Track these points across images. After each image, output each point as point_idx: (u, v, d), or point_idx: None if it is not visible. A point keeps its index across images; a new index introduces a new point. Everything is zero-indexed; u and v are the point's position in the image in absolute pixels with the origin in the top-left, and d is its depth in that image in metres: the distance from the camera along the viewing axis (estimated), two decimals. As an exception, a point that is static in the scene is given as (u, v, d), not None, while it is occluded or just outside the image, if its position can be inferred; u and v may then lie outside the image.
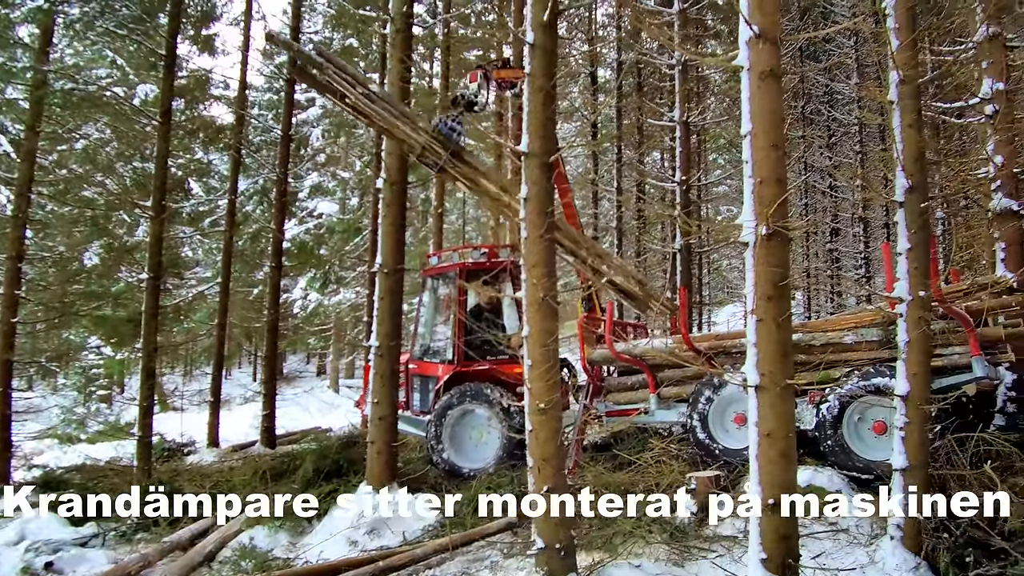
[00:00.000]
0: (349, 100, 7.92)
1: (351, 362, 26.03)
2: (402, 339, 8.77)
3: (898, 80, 5.40)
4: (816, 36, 10.46)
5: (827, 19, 20.22)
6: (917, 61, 5.80)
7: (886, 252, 6.34)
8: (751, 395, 4.05)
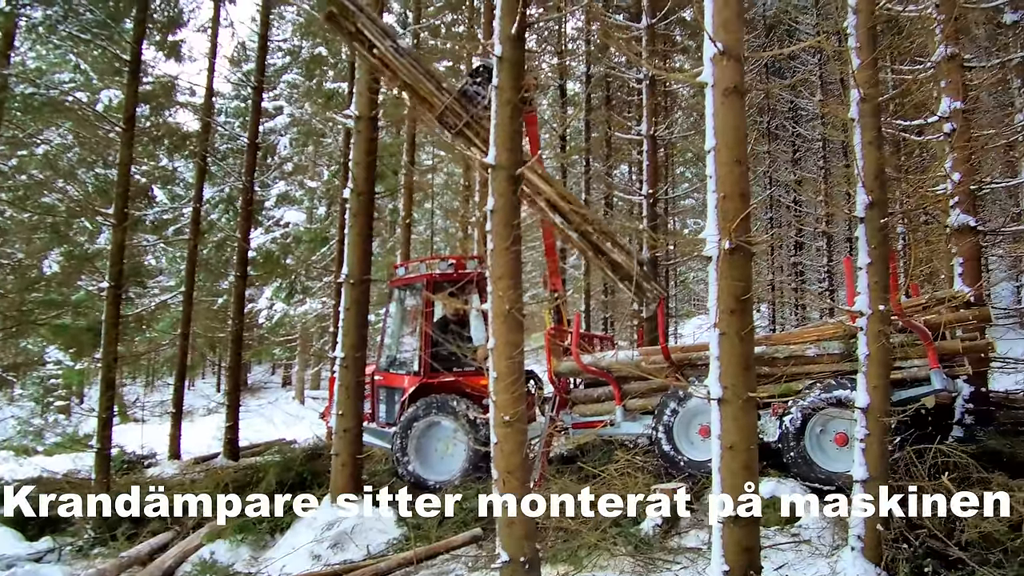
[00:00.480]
0: (377, 51, 7.92)
1: (317, 373, 25.78)
2: (368, 350, 8.71)
3: (859, 98, 5.51)
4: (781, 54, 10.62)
5: (792, 36, 20.59)
6: (877, 80, 5.93)
7: (847, 266, 6.45)
8: (714, 408, 4.09)
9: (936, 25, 9.80)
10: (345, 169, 12.97)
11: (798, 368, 7.38)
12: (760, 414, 7.33)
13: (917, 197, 11.09)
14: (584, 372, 8.48)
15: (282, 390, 29.13)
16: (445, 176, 22.91)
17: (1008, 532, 5.61)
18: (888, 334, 5.50)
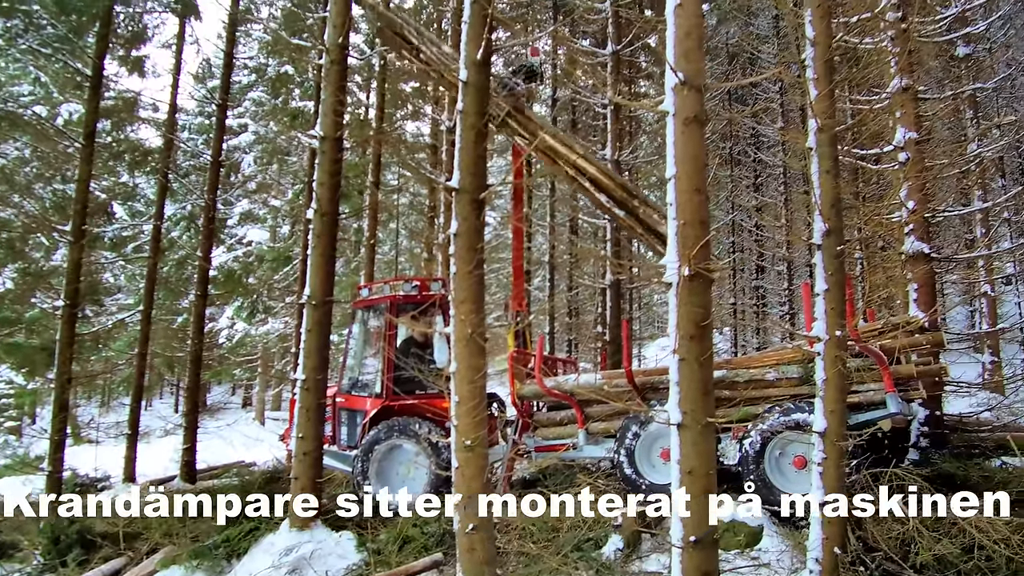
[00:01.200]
0: (424, 55, 8.46)
1: (278, 394, 25.43)
2: (330, 372, 8.62)
3: (816, 128, 5.63)
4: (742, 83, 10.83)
5: (754, 65, 21.03)
6: (834, 111, 6.06)
7: (805, 292, 6.57)
8: (673, 433, 4.11)
9: (891, 57, 10.09)
10: (309, 188, 12.92)
11: (758, 392, 7.47)
12: (720, 437, 7.40)
13: (873, 224, 11.34)
14: (547, 395, 8.49)
15: (242, 411, 28.65)
16: (411, 196, 22.89)
17: (961, 555, 5.73)
18: (844, 359, 5.58)
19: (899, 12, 9.87)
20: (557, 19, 18.67)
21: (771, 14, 20.71)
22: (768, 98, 21.10)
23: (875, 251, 14.82)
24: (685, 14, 4.51)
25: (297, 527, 7.73)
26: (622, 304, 15.38)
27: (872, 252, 15.04)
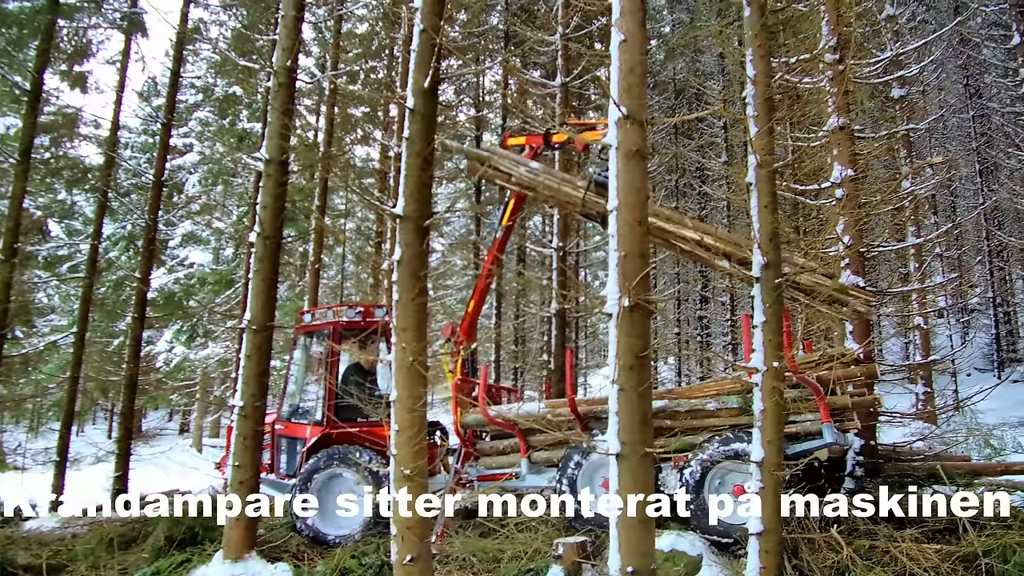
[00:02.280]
0: (514, 178, 8.58)
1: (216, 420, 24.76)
2: (270, 399, 8.44)
3: (756, 164, 5.77)
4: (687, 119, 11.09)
5: (700, 100, 21.56)
6: (773, 147, 6.23)
7: (745, 324, 6.67)
8: (612, 463, 4.12)
9: (829, 97, 10.44)
10: (254, 211, 12.73)
11: (698, 422, 7.55)
12: (661, 467, 7.44)
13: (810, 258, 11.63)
14: (490, 424, 8.44)
15: (179, 438, 27.82)
16: (358, 221, 22.75)
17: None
18: (782, 390, 5.69)
19: (836, 54, 10.22)
20: (508, 49, 18.90)
21: (717, 51, 21.27)
22: (713, 133, 21.63)
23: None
24: (629, 50, 4.60)
25: (231, 559, 7.51)
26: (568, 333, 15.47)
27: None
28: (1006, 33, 20.57)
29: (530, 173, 8.57)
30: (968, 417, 14.35)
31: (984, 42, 22.35)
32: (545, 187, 8.54)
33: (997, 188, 21.91)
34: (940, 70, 22.25)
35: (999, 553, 5.83)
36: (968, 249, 25.56)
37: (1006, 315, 26.08)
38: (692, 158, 22.36)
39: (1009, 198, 20.68)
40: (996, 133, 23.38)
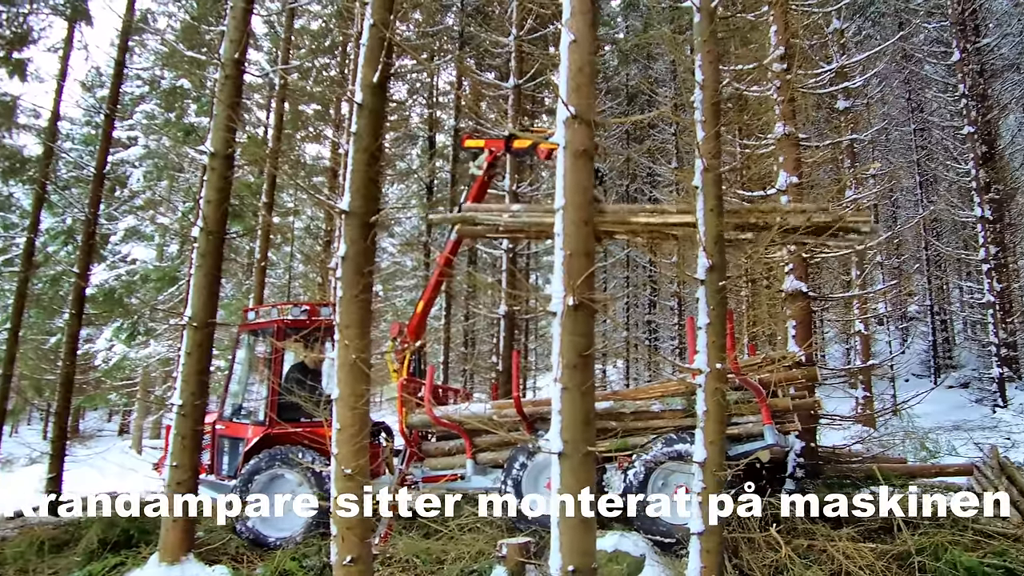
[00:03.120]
0: (502, 227, 8.43)
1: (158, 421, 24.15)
2: (212, 398, 8.25)
3: (702, 168, 5.83)
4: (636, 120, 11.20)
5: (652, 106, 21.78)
6: (719, 151, 6.31)
7: (690, 326, 6.74)
8: (554, 461, 4.11)
9: (776, 105, 10.65)
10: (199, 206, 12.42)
11: (643, 423, 7.60)
12: (606, 467, 7.48)
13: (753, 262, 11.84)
14: (436, 424, 8.38)
15: (118, 439, 27.05)
16: (307, 220, 22.45)
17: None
18: (724, 391, 5.75)
19: (784, 64, 10.43)
20: (462, 50, 18.86)
21: (669, 59, 21.55)
22: (664, 139, 21.88)
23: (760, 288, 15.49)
24: (579, 50, 4.61)
25: (167, 561, 7.31)
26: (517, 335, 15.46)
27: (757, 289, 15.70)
28: (946, 50, 21.28)
29: (514, 217, 8.61)
30: (905, 421, 14.78)
31: (926, 58, 23.05)
32: (531, 225, 8.51)
33: (936, 200, 22.62)
34: (884, 84, 22.89)
35: (931, 551, 5.99)
36: (908, 258, 26.33)
37: (943, 323, 26.92)
38: (643, 163, 22.61)
39: (947, 209, 21.35)
40: (936, 146, 24.14)
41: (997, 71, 23.63)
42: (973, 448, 12.17)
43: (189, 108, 20.83)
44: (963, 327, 27.61)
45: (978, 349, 23.28)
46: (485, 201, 10.27)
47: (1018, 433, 14.62)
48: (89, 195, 14.27)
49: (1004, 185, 21.89)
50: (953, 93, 20.89)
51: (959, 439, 13.48)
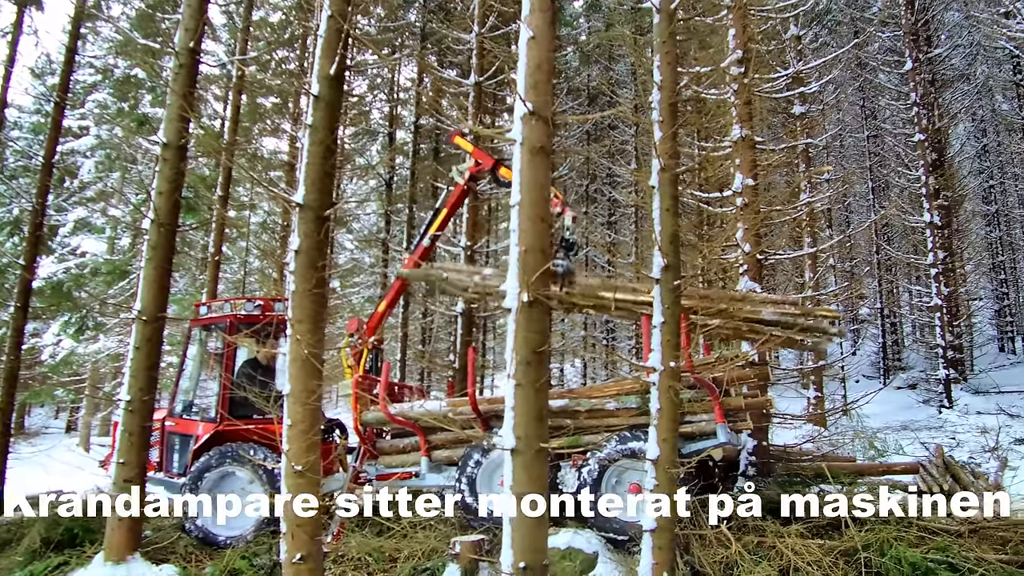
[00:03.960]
0: (471, 289, 8.60)
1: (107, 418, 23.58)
2: (162, 394, 8.07)
3: (659, 168, 5.88)
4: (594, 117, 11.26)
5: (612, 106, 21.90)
6: (676, 152, 6.36)
7: (645, 325, 6.79)
8: (507, 458, 4.10)
9: (733, 108, 10.78)
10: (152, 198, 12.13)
11: (598, 421, 7.62)
12: (560, 465, 7.50)
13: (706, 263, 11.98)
14: (391, 422, 8.31)
15: (65, 436, 26.35)
16: (264, 215, 22.12)
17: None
18: (678, 389, 5.81)
19: (742, 67, 10.56)
20: (424, 47, 18.76)
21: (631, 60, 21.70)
22: (624, 140, 22.03)
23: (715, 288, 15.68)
24: (537, 47, 4.60)
25: (113, 561, 7.16)
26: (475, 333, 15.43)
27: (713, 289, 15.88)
28: (900, 59, 21.77)
29: (484, 280, 8.68)
30: (855, 421, 15.08)
31: (880, 66, 23.58)
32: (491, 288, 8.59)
33: (887, 205, 23.14)
34: (839, 90, 23.35)
35: (877, 547, 6.11)
36: (859, 262, 26.91)
37: (892, 326, 27.58)
38: (603, 164, 22.74)
39: (898, 215, 21.86)
40: (888, 153, 24.71)
41: (948, 81, 24.29)
42: (919, 447, 12.48)
43: (143, 98, 20.39)
44: (912, 330, 28.34)
45: (925, 351, 23.91)
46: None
47: (963, 433, 15.03)
48: (37, 185, 13.85)
49: (952, 192, 22.50)
50: (905, 101, 21.40)
51: (906, 439, 13.80)
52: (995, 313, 29.04)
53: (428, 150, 19.67)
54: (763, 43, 14.04)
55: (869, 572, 5.93)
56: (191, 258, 19.98)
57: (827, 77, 16.66)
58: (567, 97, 21.57)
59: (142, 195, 19.52)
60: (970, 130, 28.93)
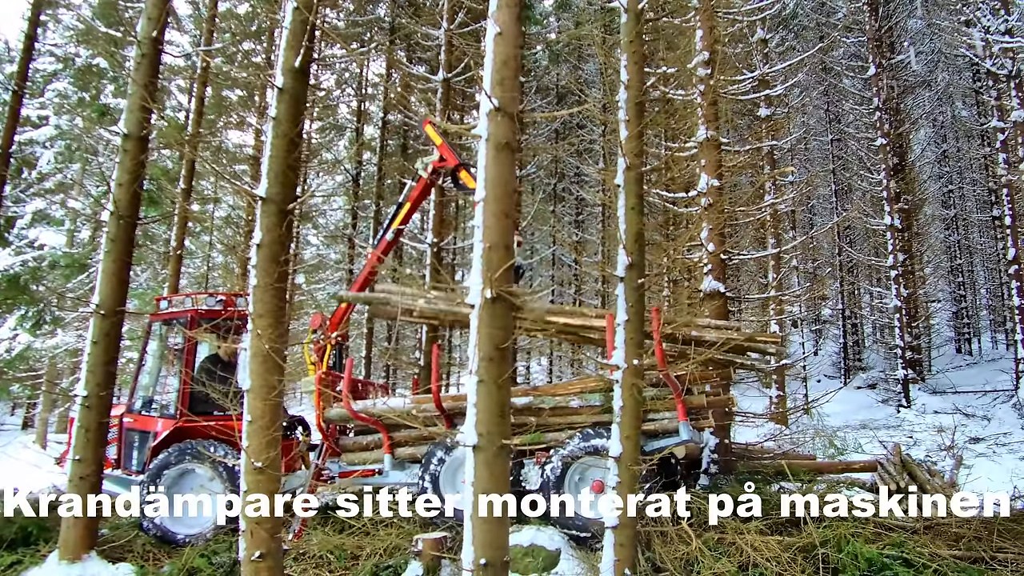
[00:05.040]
0: (416, 312, 8.58)
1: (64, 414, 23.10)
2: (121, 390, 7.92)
3: (625, 166, 5.90)
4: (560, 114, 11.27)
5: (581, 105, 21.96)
6: (642, 151, 6.40)
7: (609, 323, 6.81)
8: (469, 455, 4.09)
9: (700, 109, 10.88)
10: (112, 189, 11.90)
11: (562, 419, 7.64)
12: (523, 462, 7.51)
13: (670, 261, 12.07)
14: (354, 419, 8.25)
15: (22, 433, 25.79)
16: (228, 209, 21.82)
17: (738, 572, 6.11)
18: (641, 387, 5.84)
19: (708, 69, 10.66)
20: (393, 42, 18.64)
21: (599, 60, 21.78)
22: (592, 139, 22.11)
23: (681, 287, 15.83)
24: (504, 43, 4.58)
25: (68, 559, 7.02)
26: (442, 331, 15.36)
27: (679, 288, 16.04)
28: (863, 64, 22.13)
29: (429, 304, 8.68)
30: (815, 419, 15.33)
31: (844, 71, 23.94)
32: (446, 313, 8.62)
33: (849, 207, 23.52)
34: (804, 94, 23.68)
35: (834, 543, 6.21)
36: (822, 263, 27.31)
37: (853, 327, 28.05)
38: (571, 163, 22.80)
39: (860, 217, 22.22)
40: (851, 157, 25.12)
41: (910, 87, 24.76)
42: (878, 446, 12.70)
43: (105, 88, 19.94)
44: (872, 330, 28.85)
45: (885, 352, 24.35)
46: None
47: (920, 432, 15.32)
48: (-8, 175, 13.52)
49: (913, 196, 22.95)
50: (868, 106, 21.75)
51: (865, 437, 14.04)
52: (953, 315, 29.69)
53: (396, 146, 19.54)
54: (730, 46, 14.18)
55: (826, 568, 6.02)
56: (153, 252, 19.65)
57: (792, 80, 16.88)
58: (536, 95, 21.59)
59: (102, 187, 19.12)
60: (931, 135, 29.55)
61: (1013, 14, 16.34)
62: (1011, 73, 16.22)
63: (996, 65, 16.64)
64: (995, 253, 26.00)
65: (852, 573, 5.87)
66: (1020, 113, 16.07)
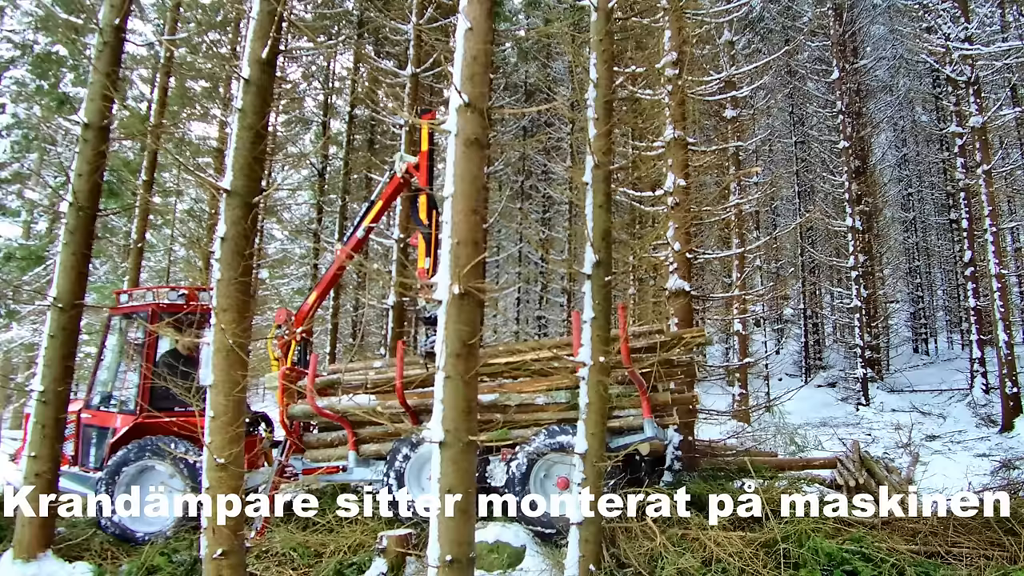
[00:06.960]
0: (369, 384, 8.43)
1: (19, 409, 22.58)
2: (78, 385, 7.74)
3: (593, 164, 5.92)
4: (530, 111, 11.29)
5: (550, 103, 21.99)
6: (610, 149, 6.42)
7: (575, 320, 6.84)
8: (435, 451, 4.08)
9: (667, 109, 10.96)
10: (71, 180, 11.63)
11: (528, 416, 7.65)
12: (489, 459, 7.50)
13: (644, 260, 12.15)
14: (319, 415, 8.18)
15: (-25, 428, 25.17)
16: (191, 202, 21.46)
17: (701, 567, 6.16)
18: (606, 384, 5.87)
19: (676, 69, 10.73)
20: (361, 35, 18.49)
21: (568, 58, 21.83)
22: (560, 137, 22.17)
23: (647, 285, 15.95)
24: (474, 38, 4.57)
25: (23, 558, 6.87)
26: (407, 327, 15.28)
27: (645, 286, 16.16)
28: (827, 68, 22.50)
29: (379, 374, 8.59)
30: (777, 417, 15.54)
31: (809, 75, 24.31)
32: None
33: (812, 209, 23.90)
34: (769, 96, 23.99)
35: (795, 539, 6.30)
36: (785, 263, 27.73)
37: (815, 326, 28.51)
38: (538, 160, 22.83)
39: (822, 219, 22.60)
40: (814, 159, 25.52)
41: (872, 91, 25.23)
42: (838, 443, 12.94)
43: (65, 76, 19.49)
44: (832, 330, 29.36)
45: (845, 351, 24.81)
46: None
47: (878, 429, 15.65)
48: (-54, 164, 13.18)
49: (873, 198, 23.39)
50: (831, 109, 22.12)
51: (825, 434, 14.30)
52: (910, 315, 30.34)
53: (363, 141, 19.39)
54: (698, 47, 14.32)
55: (787, 562, 6.11)
56: (113, 245, 19.23)
57: (758, 83, 17.08)
58: (504, 92, 21.57)
59: (61, 177, 18.68)
60: (891, 139, 30.15)
61: (972, 22, 16.70)
62: (970, 79, 16.59)
63: (956, 71, 17.01)
64: (952, 256, 26.61)
65: (813, 568, 5.96)
66: (978, 119, 16.45)
